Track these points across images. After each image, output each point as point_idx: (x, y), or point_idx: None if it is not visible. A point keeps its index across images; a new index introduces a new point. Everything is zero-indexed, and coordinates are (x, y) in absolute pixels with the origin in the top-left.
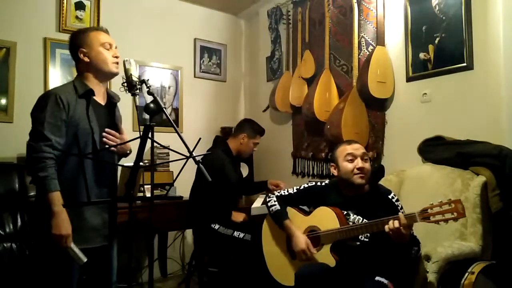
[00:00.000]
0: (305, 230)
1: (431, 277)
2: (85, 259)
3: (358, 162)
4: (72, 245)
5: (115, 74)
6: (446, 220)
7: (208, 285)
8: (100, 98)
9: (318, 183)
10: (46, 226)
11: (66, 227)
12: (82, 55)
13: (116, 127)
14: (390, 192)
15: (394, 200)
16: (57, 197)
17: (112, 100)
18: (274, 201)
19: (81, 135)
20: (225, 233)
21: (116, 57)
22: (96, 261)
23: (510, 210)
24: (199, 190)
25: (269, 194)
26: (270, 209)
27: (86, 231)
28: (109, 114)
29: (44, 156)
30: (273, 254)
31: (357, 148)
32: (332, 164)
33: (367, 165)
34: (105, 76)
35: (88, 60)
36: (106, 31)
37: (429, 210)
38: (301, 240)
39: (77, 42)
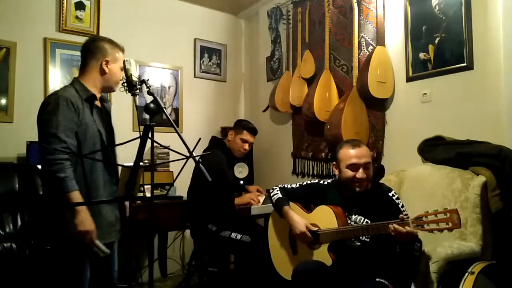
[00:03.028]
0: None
1: (431, 277)
2: (108, 251)
3: (360, 173)
4: (97, 241)
5: (113, 91)
6: (440, 230)
7: (208, 285)
8: (98, 102)
9: (321, 182)
10: (62, 227)
11: (90, 223)
12: (104, 63)
13: (113, 130)
14: (390, 190)
15: (394, 198)
16: (78, 196)
17: (105, 104)
18: (277, 191)
19: (90, 138)
20: (222, 235)
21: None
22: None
23: (510, 210)
24: (196, 190)
25: (273, 186)
26: (272, 197)
27: (104, 227)
28: (107, 118)
29: (61, 157)
30: (277, 249)
31: (361, 156)
32: (334, 163)
33: (369, 173)
34: (107, 90)
35: (107, 72)
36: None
37: (423, 218)
38: (301, 223)
39: (106, 51)
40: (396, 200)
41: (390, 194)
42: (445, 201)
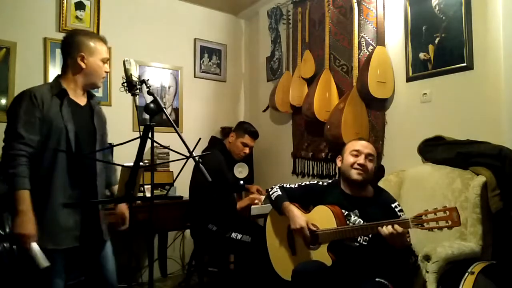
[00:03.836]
0: None
1: (431, 277)
2: (46, 264)
3: (361, 159)
4: (34, 246)
5: (98, 87)
6: (440, 228)
7: (208, 285)
8: (79, 99)
9: (320, 182)
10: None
11: (30, 227)
12: (80, 58)
13: (95, 130)
14: (394, 201)
15: (397, 210)
16: (24, 196)
17: (91, 102)
18: (276, 189)
19: (54, 133)
20: (222, 235)
21: (106, 72)
22: (80, 261)
23: (510, 210)
24: (196, 190)
25: (272, 186)
26: (272, 195)
27: (57, 231)
28: (90, 116)
29: (16, 153)
30: (276, 249)
31: (365, 146)
32: (339, 156)
33: (369, 165)
34: (90, 86)
35: (84, 67)
36: (106, 44)
37: (423, 217)
38: (302, 218)
39: (80, 45)
40: (398, 213)
41: (393, 206)
42: (445, 201)
